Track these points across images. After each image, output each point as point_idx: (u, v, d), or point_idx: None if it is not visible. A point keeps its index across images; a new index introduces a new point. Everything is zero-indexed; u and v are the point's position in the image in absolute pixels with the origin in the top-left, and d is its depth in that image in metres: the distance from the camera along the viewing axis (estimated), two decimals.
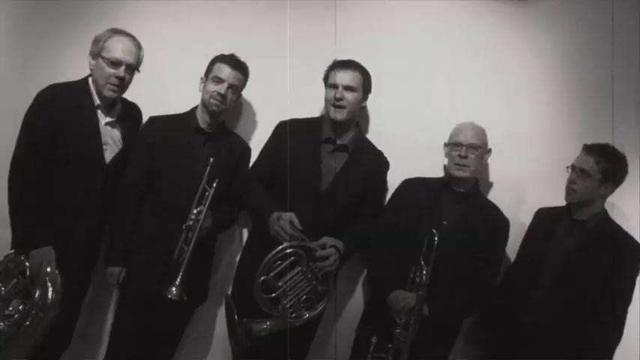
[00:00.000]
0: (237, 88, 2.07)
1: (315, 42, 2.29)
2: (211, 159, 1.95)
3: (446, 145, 2.09)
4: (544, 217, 2.09)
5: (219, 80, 2.03)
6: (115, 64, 1.92)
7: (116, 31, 1.96)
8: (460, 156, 2.00)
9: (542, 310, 1.94)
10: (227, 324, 1.99)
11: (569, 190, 1.97)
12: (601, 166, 1.91)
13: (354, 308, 2.30)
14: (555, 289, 1.94)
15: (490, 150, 2.10)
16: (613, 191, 1.98)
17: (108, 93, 1.94)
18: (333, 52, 2.16)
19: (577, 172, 1.95)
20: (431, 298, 1.90)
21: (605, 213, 2.01)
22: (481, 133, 2.06)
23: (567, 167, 1.99)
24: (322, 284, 1.98)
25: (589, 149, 1.96)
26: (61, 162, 1.90)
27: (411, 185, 2.12)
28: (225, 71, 2.03)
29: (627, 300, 1.91)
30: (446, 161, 2.10)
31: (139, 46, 1.98)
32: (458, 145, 2.02)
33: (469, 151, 2.01)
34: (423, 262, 1.89)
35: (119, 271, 2.01)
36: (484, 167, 2.23)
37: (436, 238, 1.88)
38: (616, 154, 1.96)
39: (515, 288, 2.02)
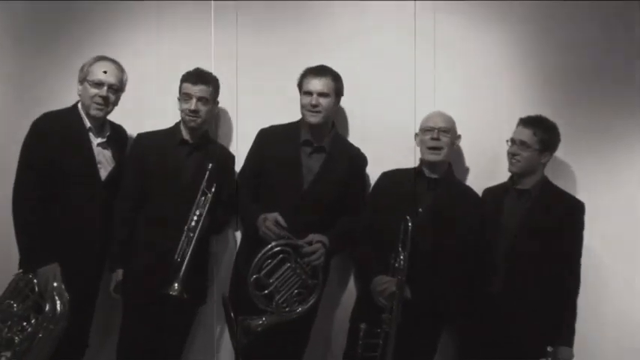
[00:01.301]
0: (206, 100, 2.20)
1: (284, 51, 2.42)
2: (210, 164, 2.11)
3: (417, 134, 2.21)
4: (491, 193, 2.22)
5: (187, 97, 2.18)
6: (98, 84, 2.08)
7: (100, 58, 2.13)
8: (432, 138, 2.12)
9: (507, 279, 2.07)
10: (227, 323, 2.13)
11: (513, 162, 2.10)
12: (538, 136, 2.07)
13: (349, 299, 2.42)
14: (515, 256, 2.07)
15: (460, 136, 2.22)
16: (550, 158, 2.14)
17: (93, 112, 2.10)
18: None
19: (517, 144, 2.09)
20: (413, 281, 2.03)
21: (546, 179, 2.15)
22: (449, 120, 2.18)
23: (507, 141, 2.13)
24: (312, 278, 2.10)
25: (525, 122, 2.11)
26: (60, 183, 2.06)
27: (388, 177, 2.24)
28: (190, 88, 2.17)
29: (579, 253, 2.08)
30: (418, 150, 2.21)
31: (121, 70, 2.14)
32: (429, 130, 2.14)
33: (440, 134, 2.12)
34: (400, 249, 2.01)
35: (120, 273, 2.15)
36: (458, 154, 2.34)
37: (410, 224, 2.00)
38: (549, 124, 2.12)
39: (480, 261, 2.13)
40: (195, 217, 2.07)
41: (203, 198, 2.09)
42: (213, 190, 2.09)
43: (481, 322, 2.09)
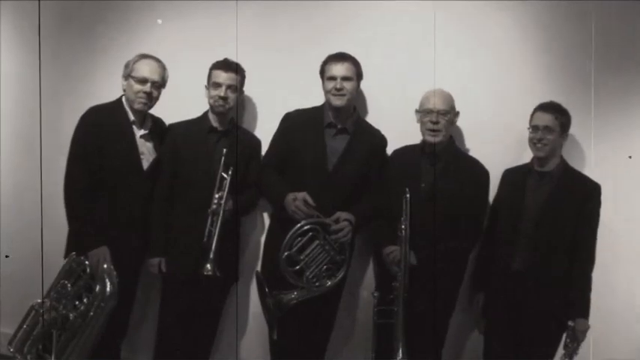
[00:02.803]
0: (235, 88, 2.32)
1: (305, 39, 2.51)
2: (224, 149, 2.23)
3: (417, 111, 2.29)
4: (513, 175, 2.30)
5: (217, 85, 2.30)
6: (142, 81, 2.21)
7: (143, 55, 2.26)
8: (432, 122, 2.21)
9: (529, 257, 2.16)
10: (259, 298, 2.26)
11: (539, 146, 2.19)
12: (559, 120, 2.18)
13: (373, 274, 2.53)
14: (537, 236, 2.16)
15: (458, 112, 2.29)
16: (567, 138, 2.24)
17: (138, 106, 2.23)
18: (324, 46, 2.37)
19: (541, 129, 2.18)
20: (420, 249, 2.16)
21: (565, 161, 2.24)
22: (448, 98, 2.25)
23: (528, 128, 2.22)
24: (340, 254, 2.22)
25: (544, 108, 2.21)
26: (107, 173, 2.20)
27: (397, 155, 2.36)
28: (220, 76, 2.30)
29: (596, 231, 2.16)
30: (419, 127, 2.29)
31: (163, 67, 2.27)
32: (429, 112, 2.22)
33: (439, 117, 2.20)
34: (402, 219, 2.13)
35: (158, 261, 2.30)
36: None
37: (408, 196, 2.12)
38: (564, 108, 2.22)
39: (500, 240, 2.24)
40: (215, 200, 2.19)
41: (223, 182, 2.20)
42: (230, 173, 2.20)
43: (505, 299, 2.19)
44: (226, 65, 2.31)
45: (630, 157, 2.37)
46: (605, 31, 2.37)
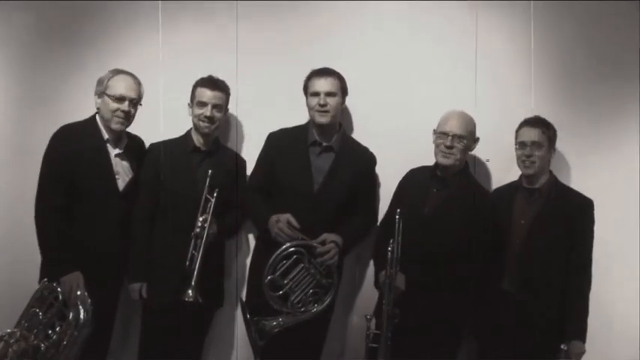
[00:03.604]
0: (221, 107, 2.25)
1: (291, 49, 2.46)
2: (210, 171, 2.15)
3: (434, 132, 2.20)
4: (501, 193, 2.23)
5: (202, 104, 2.22)
6: (120, 99, 2.13)
7: (118, 71, 2.18)
8: (446, 146, 2.11)
9: (520, 278, 2.08)
10: (245, 325, 2.16)
11: (528, 163, 2.10)
12: (546, 134, 2.10)
13: (365, 297, 2.43)
14: (527, 255, 2.07)
15: (477, 139, 2.18)
16: (554, 154, 2.17)
17: (115, 126, 2.15)
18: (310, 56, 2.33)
19: (529, 145, 2.09)
20: (419, 275, 2.05)
21: (554, 177, 2.17)
22: (468, 123, 2.13)
23: (515, 145, 2.14)
24: (326, 278, 2.13)
25: (531, 123, 2.13)
26: (80, 194, 2.12)
27: (411, 174, 2.26)
28: (206, 94, 2.21)
29: (590, 249, 2.08)
30: (434, 147, 2.21)
31: (139, 83, 2.19)
32: (444, 134, 2.13)
33: (455, 141, 2.11)
34: (391, 241, 2.01)
35: (140, 286, 2.21)
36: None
37: (397, 217, 2.00)
38: (548, 122, 2.15)
39: (488, 261, 2.13)
40: (199, 223, 2.11)
41: (207, 204, 2.13)
42: (215, 195, 2.13)
43: (497, 322, 2.10)
44: (212, 83, 2.23)
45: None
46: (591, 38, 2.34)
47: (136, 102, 2.17)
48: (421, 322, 2.05)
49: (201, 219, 2.12)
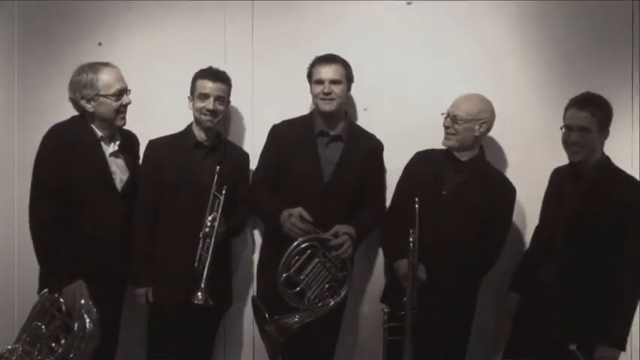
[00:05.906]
0: (223, 99, 2.14)
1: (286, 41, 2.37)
2: (217, 167, 2.04)
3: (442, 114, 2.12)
4: (555, 176, 2.08)
5: (204, 96, 2.10)
6: (119, 95, 1.99)
7: (104, 65, 2.01)
8: (445, 125, 2.08)
9: (561, 270, 1.94)
10: (257, 325, 2.08)
11: (575, 150, 1.89)
12: (597, 117, 1.87)
13: (375, 287, 2.38)
14: (570, 246, 1.92)
15: (484, 123, 2.05)
16: (608, 134, 1.93)
17: (120, 122, 2.03)
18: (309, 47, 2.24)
19: (575, 130, 1.89)
20: (434, 263, 1.99)
21: (607, 160, 1.95)
22: (475, 105, 2.04)
23: (561, 127, 1.94)
24: (341, 270, 2.07)
25: (579, 104, 1.89)
26: (77, 198, 1.98)
27: (420, 157, 2.18)
28: (208, 86, 2.10)
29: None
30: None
31: (119, 70, 2.04)
32: (446, 115, 2.09)
33: (452, 122, 2.04)
34: (411, 231, 1.95)
35: (145, 291, 2.10)
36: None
37: (417, 206, 1.95)
38: (601, 100, 1.92)
39: (539, 249, 2.07)
40: (208, 223, 2.02)
41: (215, 202, 2.03)
42: (224, 192, 2.03)
43: (535, 312, 1.99)
44: (214, 74, 2.11)
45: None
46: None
47: (128, 92, 2.04)
48: (437, 311, 2.00)
49: (210, 218, 2.02)
